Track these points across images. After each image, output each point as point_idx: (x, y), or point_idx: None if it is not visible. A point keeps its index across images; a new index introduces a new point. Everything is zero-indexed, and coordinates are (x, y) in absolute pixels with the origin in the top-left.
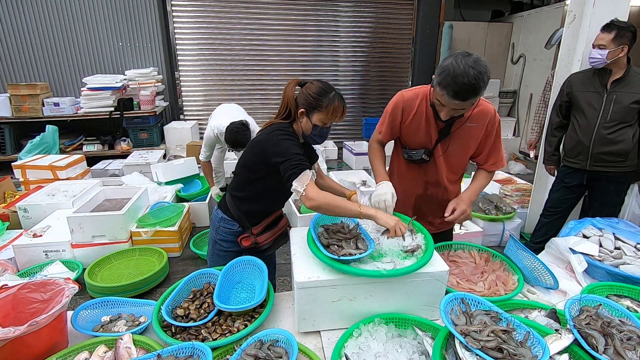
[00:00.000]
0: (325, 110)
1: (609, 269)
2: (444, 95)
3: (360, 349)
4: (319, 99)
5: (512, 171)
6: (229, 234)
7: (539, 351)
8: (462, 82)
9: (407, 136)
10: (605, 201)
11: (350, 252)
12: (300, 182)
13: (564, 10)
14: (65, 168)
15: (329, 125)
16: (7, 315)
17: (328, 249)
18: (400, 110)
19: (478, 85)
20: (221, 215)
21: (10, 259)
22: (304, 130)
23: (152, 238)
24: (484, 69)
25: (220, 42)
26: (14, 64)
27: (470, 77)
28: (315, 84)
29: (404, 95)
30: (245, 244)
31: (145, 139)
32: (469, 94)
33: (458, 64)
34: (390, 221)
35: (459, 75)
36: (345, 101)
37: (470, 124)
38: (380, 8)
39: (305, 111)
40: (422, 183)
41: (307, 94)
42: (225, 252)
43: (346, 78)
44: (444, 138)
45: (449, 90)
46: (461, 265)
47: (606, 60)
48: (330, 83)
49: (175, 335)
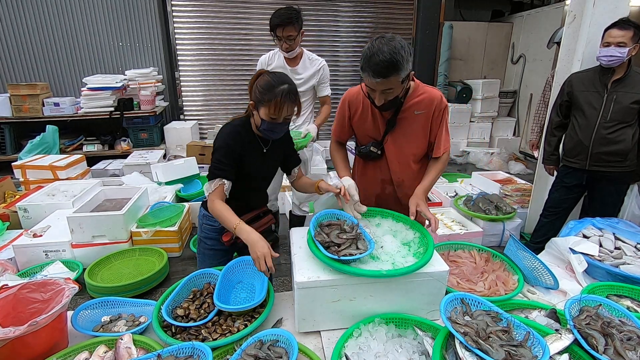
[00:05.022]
0: (268, 105)
1: (609, 269)
2: (368, 77)
3: (360, 349)
4: (264, 93)
5: (512, 171)
6: (211, 230)
7: (539, 351)
8: (378, 60)
9: (358, 131)
10: (604, 201)
11: (350, 253)
12: (206, 188)
13: (564, 10)
14: (65, 168)
15: (281, 121)
16: (7, 315)
17: (328, 250)
18: (346, 105)
19: (395, 59)
20: (203, 212)
21: (10, 259)
22: (256, 124)
23: (152, 238)
24: (399, 44)
25: (220, 42)
26: (14, 64)
27: (384, 53)
28: (265, 77)
29: (350, 91)
30: (224, 239)
31: (145, 139)
32: (389, 70)
33: (373, 45)
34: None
35: (374, 54)
36: (295, 97)
37: (417, 111)
38: (380, 8)
39: (254, 104)
40: (379, 182)
41: (256, 87)
42: (210, 249)
43: (346, 78)
44: (391, 129)
45: (369, 72)
46: (461, 265)
47: (625, 59)
48: (288, 77)
49: (175, 335)
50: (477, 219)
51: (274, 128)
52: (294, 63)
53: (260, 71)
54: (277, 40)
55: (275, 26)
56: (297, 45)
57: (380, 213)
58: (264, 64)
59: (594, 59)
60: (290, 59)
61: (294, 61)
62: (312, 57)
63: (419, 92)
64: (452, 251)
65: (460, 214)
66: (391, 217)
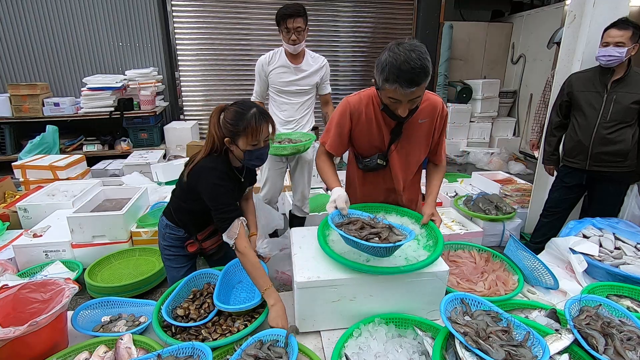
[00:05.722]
0: (245, 134)
1: (609, 269)
2: (397, 88)
3: (360, 349)
4: (236, 125)
5: (512, 171)
6: (175, 239)
7: (539, 351)
8: (410, 68)
9: (360, 141)
10: (604, 201)
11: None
12: (229, 236)
13: (564, 10)
14: (65, 168)
15: (262, 146)
16: (8, 316)
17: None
18: (348, 116)
19: (425, 65)
20: (166, 222)
21: (10, 259)
22: (238, 159)
23: (152, 238)
24: (422, 47)
25: (220, 42)
26: (14, 64)
27: (414, 60)
28: (231, 110)
29: (349, 101)
30: (190, 249)
31: (145, 139)
32: (421, 76)
33: (397, 53)
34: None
35: (403, 62)
36: (267, 117)
37: (422, 120)
38: (380, 8)
39: (230, 140)
40: (383, 191)
41: (224, 122)
42: (174, 255)
43: (346, 78)
44: (397, 138)
45: (400, 81)
46: (461, 265)
47: (623, 59)
48: (249, 101)
49: (176, 335)
50: (477, 219)
51: (259, 155)
52: (297, 60)
53: (220, 107)
54: (285, 32)
55: (285, 16)
56: (304, 39)
57: (384, 208)
58: (264, 63)
59: (594, 59)
60: (294, 55)
61: (297, 58)
62: (314, 55)
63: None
64: (452, 251)
65: (460, 214)
66: (395, 211)
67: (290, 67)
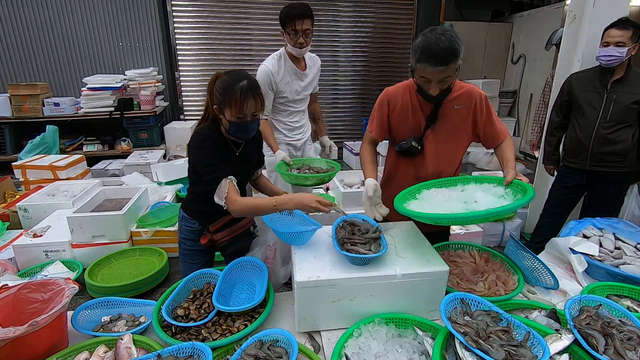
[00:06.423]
0: (230, 105)
1: (609, 269)
2: (427, 67)
3: (360, 349)
4: (224, 94)
5: None
6: (190, 232)
7: (539, 351)
8: (439, 48)
9: (397, 126)
10: (604, 201)
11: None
12: (219, 196)
13: (564, 10)
14: (65, 168)
15: (249, 119)
16: (8, 316)
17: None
18: (385, 103)
19: (454, 47)
20: (182, 214)
21: (11, 259)
22: (225, 128)
23: (152, 238)
24: (454, 33)
25: (220, 42)
26: (14, 64)
27: (444, 42)
28: (222, 79)
29: (388, 91)
30: (202, 241)
31: (145, 139)
32: (449, 56)
33: (428, 37)
34: (310, 205)
35: (433, 44)
36: (257, 91)
37: (457, 106)
38: (380, 8)
39: (218, 108)
40: (412, 179)
41: (215, 90)
42: (189, 250)
43: (346, 78)
44: (432, 124)
45: (430, 61)
46: (461, 265)
47: (624, 59)
48: (245, 72)
49: (176, 335)
50: None
51: (244, 127)
52: (301, 65)
53: (217, 74)
54: (293, 34)
55: (294, 17)
56: (310, 42)
57: (462, 180)
58: (273, 73)
59: (593, 59)
60: (297, 59)
61: (300, 62)
62: (311, 55)
63: (457, 87)
64: (452, 251)
65: None
66: (473, 181)
67: (297, 73)
